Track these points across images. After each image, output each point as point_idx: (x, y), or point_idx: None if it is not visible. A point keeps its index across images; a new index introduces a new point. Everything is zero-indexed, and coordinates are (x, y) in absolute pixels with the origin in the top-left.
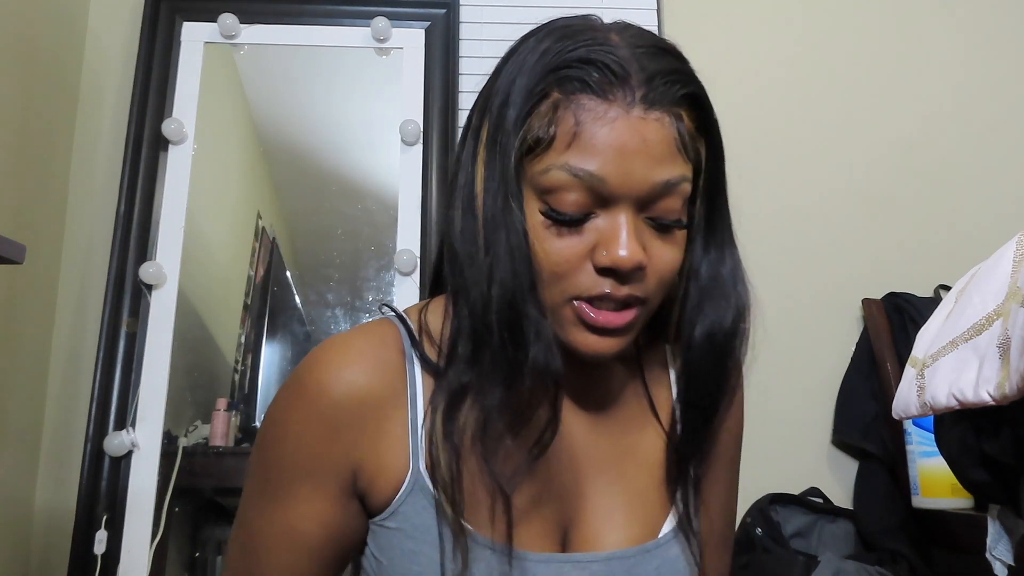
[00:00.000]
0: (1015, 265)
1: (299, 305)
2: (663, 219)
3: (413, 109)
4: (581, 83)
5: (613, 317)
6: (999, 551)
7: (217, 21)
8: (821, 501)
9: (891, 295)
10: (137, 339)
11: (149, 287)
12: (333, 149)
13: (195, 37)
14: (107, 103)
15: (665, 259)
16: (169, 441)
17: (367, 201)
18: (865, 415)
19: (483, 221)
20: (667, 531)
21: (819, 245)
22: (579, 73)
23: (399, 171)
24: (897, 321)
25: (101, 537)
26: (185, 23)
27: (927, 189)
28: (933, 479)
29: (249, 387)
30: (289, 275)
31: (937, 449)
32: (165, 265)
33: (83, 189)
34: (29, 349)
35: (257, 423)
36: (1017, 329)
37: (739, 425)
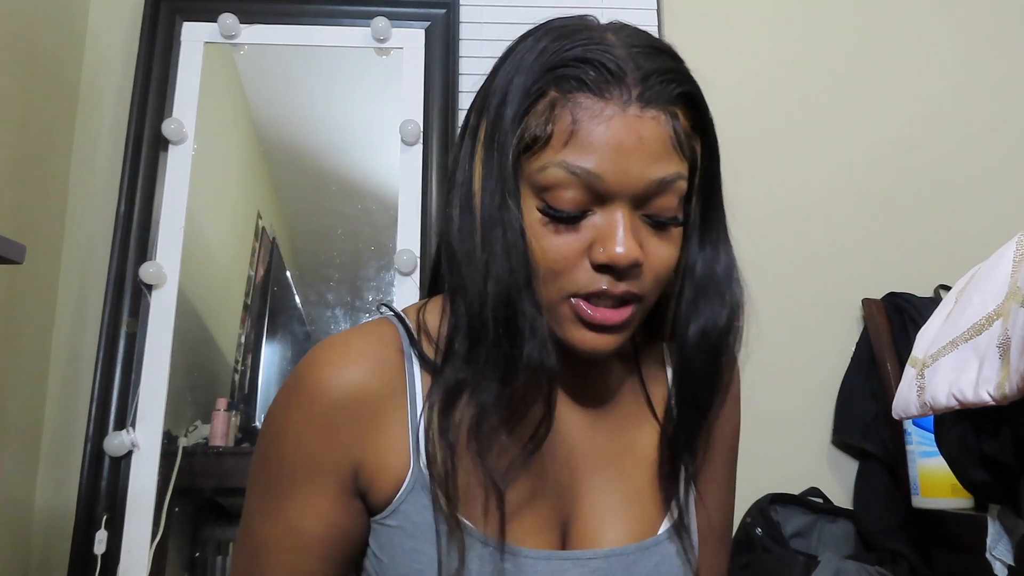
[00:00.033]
0: (1015, 265)
1: (299, 305)
2: (659, 216)
3: (413, 109)
4: (578, 82)
5: (610, 314)
6: (999, 551)
7: (217, 21)
8: (821, 501)
9: (891, 295)
10: (137, 339)
11: (149, 287)
12: (333, 149)
13: (195, 37)
14: (107, 103)
15: (661, 256)
16: (169, 441)
17: (367, 201)
18: (865, 415)
19: (480, 219)
20: (666, 528)
21: (819, 245)
22: (576, 72)
23: (399, 171)
24: (897, 321)
25: (101, 537)
26: (185, 23)
27: (927, 189)
28: (933, 479)
29: (249, 387)
30: (289, 275)
31: (937, 449)
32: (165, 265)
33: (83, 189)
34: (29, 349)
35: (257, 423)
36: (1017, 329)
37: (736, 423)
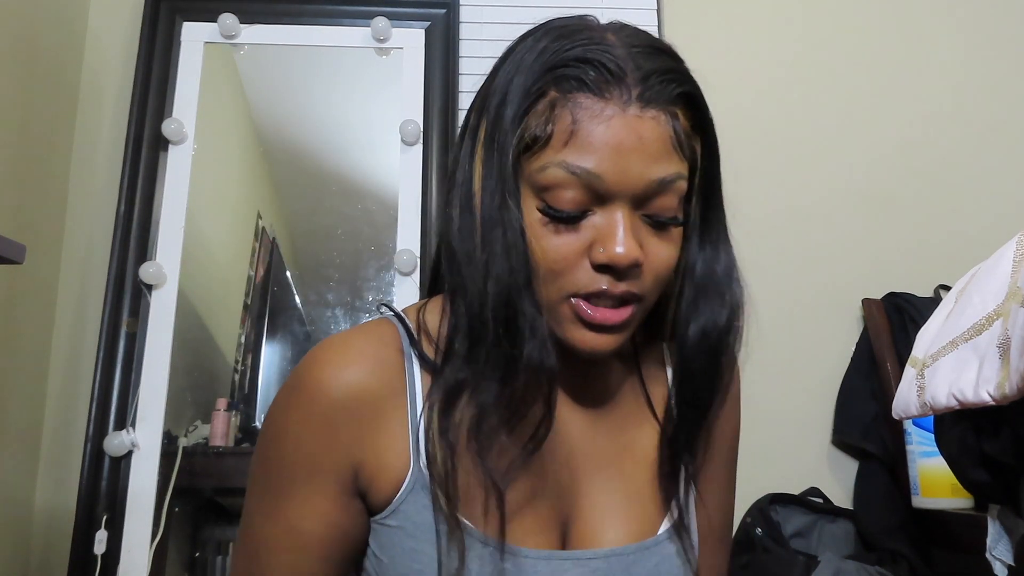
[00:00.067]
0: (1015, 265)
1: (299, 305)
2: (659, 216)
3: (413, 109)
4: (578, 82)
5: (610, 314)
6: (999, 551)
7: (217, 21)
8: (821, 501)
9: (891, 295)
10: (137, 339)
11: (149, 287)
12: (333, 149)
13: (195, 37)
14: (107, 103)
15: (661, 256)
16: (169, 441)
17: (367, 201)
18: (865, 415)
19: (480, 219)
20: (666, 528)
21: (819, 245)
22: (576, 72)
23: (399, 171)
24: (897, 321)
25: (101, 537)
26: (185, 23)
27: (927, 189)
28: (933, 479)
29: (249, 387)
30: (289, 275)
31: (937, 449)
32: (165, 265)
33: (83, 189)
34: (29, 349)
35: (257, 423)
36: (1017, 329)
37: (736, 423)
